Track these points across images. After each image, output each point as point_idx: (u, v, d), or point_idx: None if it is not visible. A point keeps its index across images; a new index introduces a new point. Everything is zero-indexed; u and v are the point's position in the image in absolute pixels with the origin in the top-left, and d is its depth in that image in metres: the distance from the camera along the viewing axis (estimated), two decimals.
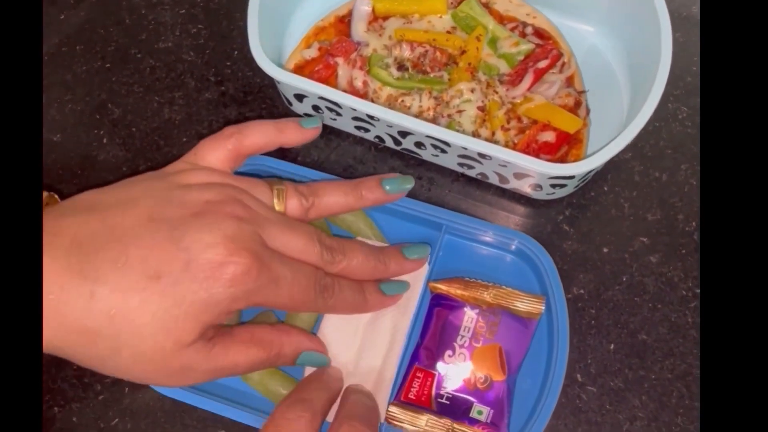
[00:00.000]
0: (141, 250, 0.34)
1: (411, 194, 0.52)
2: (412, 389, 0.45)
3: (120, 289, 0.33)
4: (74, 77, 0.58)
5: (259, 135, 0.43)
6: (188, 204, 0.37)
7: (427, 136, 0.47)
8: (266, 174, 0.50)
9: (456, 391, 0.45)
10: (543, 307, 0.46)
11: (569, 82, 0.53)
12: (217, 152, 0.42)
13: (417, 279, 0.46)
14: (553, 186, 0.49)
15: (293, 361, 0.42)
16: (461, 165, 0.51)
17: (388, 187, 0.45)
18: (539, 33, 0.54)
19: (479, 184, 0.53)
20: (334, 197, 0.43)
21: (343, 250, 0.42)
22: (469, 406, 0.44)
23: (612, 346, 0.48)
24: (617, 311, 0.49)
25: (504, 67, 0.53)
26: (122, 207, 0.36)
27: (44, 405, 0.48)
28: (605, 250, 0.51)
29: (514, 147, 0.51)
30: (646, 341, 0.48)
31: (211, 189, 0.38)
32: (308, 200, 0.42)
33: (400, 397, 0.45)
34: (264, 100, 0.56)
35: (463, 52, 0.53)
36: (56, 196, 0.50)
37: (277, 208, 0.41)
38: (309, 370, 0.45)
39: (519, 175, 0.48)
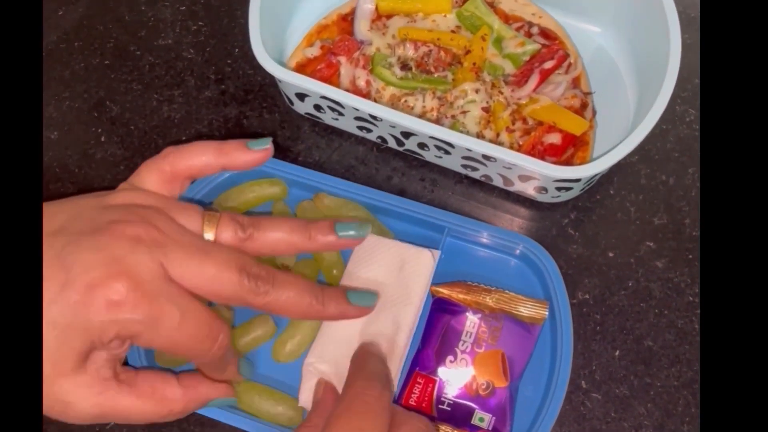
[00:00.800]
0: None
1: (414, 196, 0.51)
2: (412, 395, 0.44)
3: None
4: (72, 74, 0.57)
5: (197, 157, 0.40)
6: (93, 221, 0.35)
7: (431, 137, 0.47)
8: (263, 176, 0.50)
9: (457, 397, 0.44)
10: (546, 313, 0.45)
11: (575, 83, 0.52)
12: (152, 174, 0.40)
13: (423, 273, 0.45)
14: (559, 189, 0.48)
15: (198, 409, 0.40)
16: (465, 167, 0.50)
17: (341, 233, 0.41)
18: (545, 33, 0.54)
19: (483, 186, 0.52)
20: (279, 233, 0.39)
21: (272, 281, 0.37)
22: (470, 412, 0.44)
23: (617, 353, 0.47)
24: (623, 317, 0.48)
25: (509, 68, 0.52)
26: (45, 221, 0.35)
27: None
28: (611, 254, 0.50)
29: (519, 149, 0.50)
30: (651, 348, 0.47)
31: (125, 209, 0.36)
32: (245, 231, 0.38)
33: (400, 403, 0.44)
34: (265, 98, 0.55)
35: (468, 51, 0.52)
36: None
37: (206, 236, 0.38)
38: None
39: (524, 178, 0.47)
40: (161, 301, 0.33)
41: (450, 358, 0.44)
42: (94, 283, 0.32)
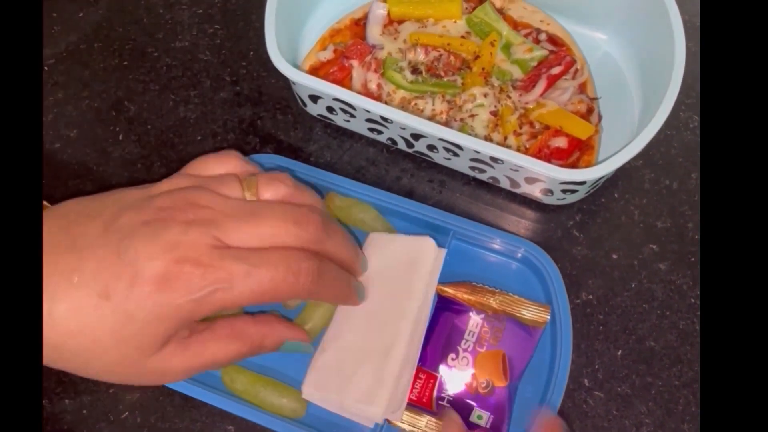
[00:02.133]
0: (93, 263, 0.34)
1: (422, 196, 0.52)
2: (413, 390, 0.45)
3: (75, 307, 0.34)
4: (91, 74, 0.58)
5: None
6: (141, 212, 0.36)
7: (440, 139, 0.48)
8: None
9: (457, 394, 0.45)
10: (548, 317, 0.46)
11: (582, 88, 0.53)
12: (208, 167, 0.41)
13: (425, 263, 0.46)
14: (564, 191, 0.49)
15: (275, 349, 0.41)
16: (473, 168, 0.51)
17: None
18: (553, 40, 0.55)
19: (490, 188, 0.53)
20: (314, 198, 0.41)
21: (325, 227, 0.39)
22: (469, 410, 0.44)
23: (619, 352, 0.48)
24: (625, 317, 0.49)
25: (517, 73, 0.53)
26: (90, 216, 0.36)
27: (55, 397, 0.48)
28: (615, 256, 0.51)
29: (525, 152, 0.51)
30: (653, 348, 0.48)
31: (170, 195, 0.37)
32: (287, 190, 0.40)
33: None
34: (278, 100, 0.57)
35: (477, 57, 0.54)
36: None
37: (248, 198, 0.39)
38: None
39: (530, 180, 0.48)
40: (225, 263, 0.35)
41: (452, 355, 0.45)
42: (160, 273, 0.34)
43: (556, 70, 0.53)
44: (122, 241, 0.34)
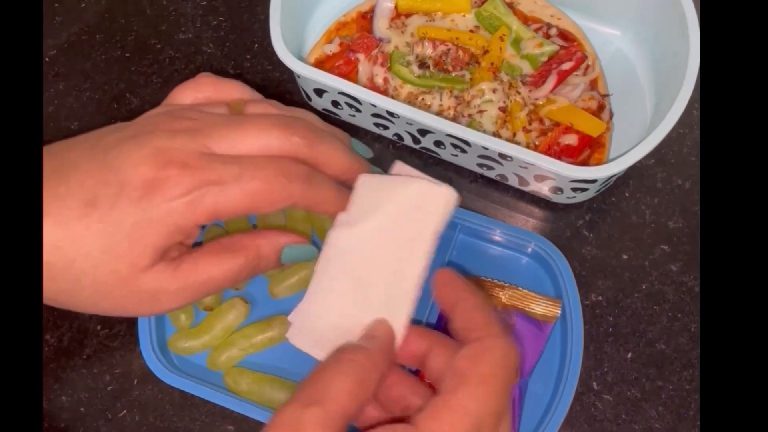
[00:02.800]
0: (79, 175, 0.33)
1: None
2: None
3: (61, 219, 0.33)
4: (93, 66, 0.57)
5: (234, 90, 0.39)
6: (126, 129, 0.35)
7: (447, 135, 0.47)
8: None
9: None
10: (559, 311, 0.45)
11: (593, 85, 0.52)
12: (185, 95, 0.39)
13: (434, 214, 0.36)
14: (574, 190, 0.48)
15: (277, 261, 0.38)
16: (480, 165, 0.50)
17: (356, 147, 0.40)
18: (564, 35, 0.54)
19: (498, 185, 0.52)
20: (308, 115, 0.39)
21: (313, 133, 0.37)
22: None
23: (629, 355, 0.47)
24: (636, 319, 0.48)
25: (527, 68, 0.52)
26: (74, 143, 0.36)
27: (52, 394, 0.47)
28: (625, 256, 0.50)
29: (535, 149, 0.50)
30: (664, 351, 0.47)
31: (155, 116, 0.36)
32: (276, 111, 0.38)
33: None
34: (283, 94, 0.56)
35: (486, 51, 0.53)
36: None
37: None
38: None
39: (539, 178, 0.47)
40: (215, 166, 0.34)
41: None
42: (148, 177, 0.33)
43: (566, 66, 0.52)
44: (110, 151, 0.34)
